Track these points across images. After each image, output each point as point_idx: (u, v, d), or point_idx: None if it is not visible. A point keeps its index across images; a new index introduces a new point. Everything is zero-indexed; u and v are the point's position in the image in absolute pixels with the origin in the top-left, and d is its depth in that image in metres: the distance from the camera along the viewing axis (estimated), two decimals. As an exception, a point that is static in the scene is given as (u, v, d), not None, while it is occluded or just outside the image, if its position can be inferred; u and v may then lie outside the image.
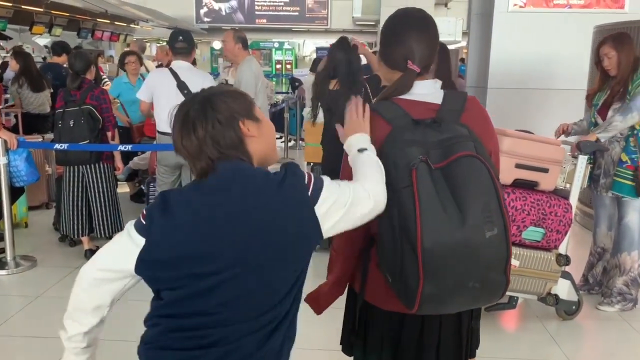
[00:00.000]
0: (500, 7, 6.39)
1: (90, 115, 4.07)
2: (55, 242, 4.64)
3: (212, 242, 1.22)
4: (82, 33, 12.69)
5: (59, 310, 3.60)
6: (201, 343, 1.24)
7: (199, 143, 1.28)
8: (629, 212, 3.42)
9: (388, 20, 1.62)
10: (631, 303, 3.51)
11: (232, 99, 1.32)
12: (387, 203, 1.37)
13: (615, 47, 3.31)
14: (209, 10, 21.18)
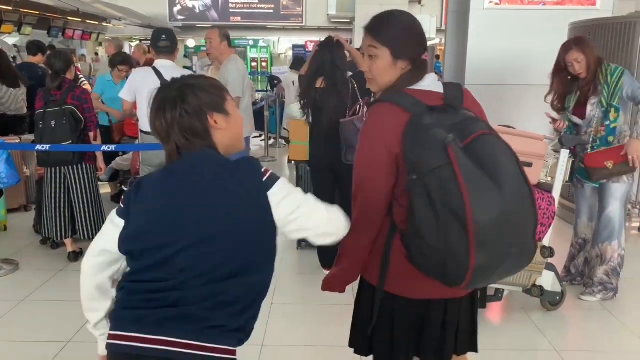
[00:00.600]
0: (477, 4, 6.48)
1: (72, 116, 4.01)
2: (37, 244, 4.56)
3: (174, 218, 1.37)
4: (52, 32, 12.45)
5: (44, 314, 3.58)
6: (160, 304, 1.37)
7: (167, 127, 1.43)
8: (611, 203, 3.52)
9: (402, 16, 1.70)
10: (612, 292, 3.61)
11: (205, 92, 1.44)
12: (417, 189, 1.46)
13: (582, 50, 3.41)
14: (182, 8, 20.96)
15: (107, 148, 4.04)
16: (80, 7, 12.81)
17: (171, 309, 1.36)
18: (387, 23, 1.68)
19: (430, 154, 1.45)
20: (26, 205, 5.45)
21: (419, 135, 1.51)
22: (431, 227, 1.45)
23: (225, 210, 1.37)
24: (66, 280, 3.95)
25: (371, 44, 1.66)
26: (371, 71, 1.69)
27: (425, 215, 1.45)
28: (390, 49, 1.64)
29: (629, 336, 3.26)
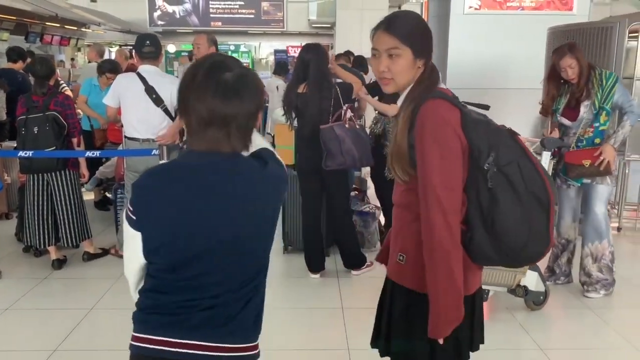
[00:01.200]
0: (456, 9, 6.58)
1: (55, 122, 3.98)
2: (20, 252, 4.50)
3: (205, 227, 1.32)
4: (30, 37, 12.27)
5: (28, 323, 3.53)
6: (193, 310, 1.36)
7: (225, 117, 1.27)
8: (597, 203, 3.63)
9: (416, 16, 1.73)
10: (611, 287, 3.74)
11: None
12: (498, 180, 1.54)
13: (575, 56, 3.51)
14: (162, 13, 20.81)
15: (91, 154, 4.01)
16: (59, 13, 12.66)
17: (204, 312, 1.37)
18: (406, 22, 1.67)
19: (508, 147, 1.57)
20: (7, 213, 5.38)
21: (488, 128, 1.59)
22: (516, 214, 1.56)
23: (259, 216, 1.37)
24: (50, 289, 3.91)
25: (393, 45, 1.63)
26: (391, 70, 1.65)
27: (511, 204, 1.55)
28: (412, 47, 1.63)
29: (611, 334, 3.34)
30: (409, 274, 1.68)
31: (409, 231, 1.68)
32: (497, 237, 1.58)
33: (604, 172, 3.53)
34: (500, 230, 1.57)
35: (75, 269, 4.22)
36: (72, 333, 3.21)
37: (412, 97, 1.66)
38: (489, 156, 1.56)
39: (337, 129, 3.68)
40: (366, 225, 4.45)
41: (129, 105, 4.03)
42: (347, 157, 3.69)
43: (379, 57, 1.67)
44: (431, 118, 1.57)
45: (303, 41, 21.05)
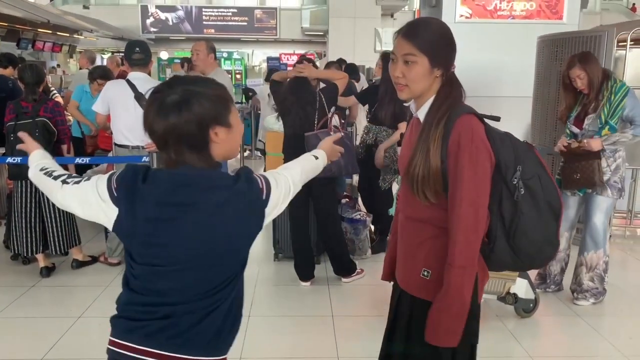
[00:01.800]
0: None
1: (45, 128, 3.96)
2: (7, 260, 4.46)
3: (165, 236, 1.34)
4: (22, 43, 12.24)
5: (15, 332, 3.49)
6: (151, 316, 1.39)
7: (165, 133, 1.33)
8: (597, 213, 3.65)
9: (439, 24, 1.70)
10: (602, 296, 3.75)
11: (211, 102, 1.35)
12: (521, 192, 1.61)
13: (584, 67, 3.49)
14: (155, 20, 20.83)
15: (80, 161, 3.99)
16: (51, 19, 12.63)
17: (161, 321, 1.38)
18: (425, 30, 1.65)
19: (530, 161, 1.64)
20: (-4, 220, 5.33)
21: (512, 143, 1.65)
22: (536, 224, 1.64)
23: (225, 234, 1.37)
24: (38, 297, 3.87)
25: (410, 51, 1.63)
26: (406, 77, 1.65)
27: (531, 213, 1.63)
28: (429, 56, 1.63)
29: (601, 342, 3.33)
30: (437, 288, 1.66)
31: (434, 246, 1.68)
32: (517, 246, 1.66)
33: (592, 182, 3.53)
34: (520, 239, 1.65)
35: (64, 276, 4.18)
36: (59, 341, 3.18)
37: (440, 111, 1.64)
38: (515, 170, 1.61)
39: (321, 136, 3.67)
40: (357, 233, 4.45)
41: (118, 112, 4.02)
42: (333, 165, 3.66)
43: (395, 62, 1.68)
44: (468, 135, 1.59)
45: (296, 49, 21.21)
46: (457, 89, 1.70)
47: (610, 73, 3.60)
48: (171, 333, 1.38)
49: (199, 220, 1.34)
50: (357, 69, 6.94)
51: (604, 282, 3.74)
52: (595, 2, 19.72)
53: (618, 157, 3.58)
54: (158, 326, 1.38)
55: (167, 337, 1.38)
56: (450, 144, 1.59)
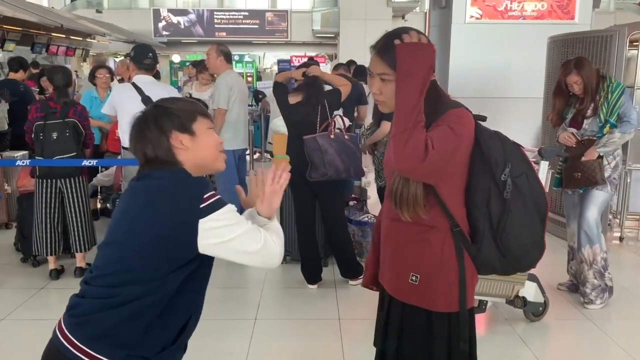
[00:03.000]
0: (458, 19, 6.58)
1: (75, 129, 4.04)
2: (18, 262, 4.49)
3: (114, 222, 1.55)
4: (36, 48, 12.37)
5: (24, 333, 3.51)
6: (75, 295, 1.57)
7: (134, 144, 1.55)
8: (590, 207, 3.63)
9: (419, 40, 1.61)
10: (606, 293, 3.69)
11: (168, 115, 1.51)
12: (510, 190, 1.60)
13: (579, 73, 3.53)
14: (167, 23, 20.98)
15: (88, 163, 4.01)
16: (64, 23, 12.78)
17: (76, 297, 1.54)
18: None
19: (518, 159, 1.63)
20: (7, 223, 5.38)
21: (502, 140, 1.64)
22: (523, 223, 1.62)
23: (147, 224, 1.44)
24: (47, 299, 3.90)
25: (383, 71, 1.61)
26: (383, 94, 1.65)
27: (519, 213, 1.61)
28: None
29: (611, 346, 3.28)
30: (426, 294, 1.66)
31: (419, 247, 1.66)
32: (504, 246, 1.63)
33: (593, 181, 3.55)
34: (508, 239, 1.62)
35: (73, 279, 4.20)
36: (66, 344, 3.19)
37: (451, 104, 1.66)
38: (505, 167, 1.60)
39: (319, 140, 3.66)
40: (365, 235, 4.42)
41: (126, 115, 4.04)
42: (330, 168, 3.65)
43: (372, 77, 1.67)
44: (454, 115, 1.60)
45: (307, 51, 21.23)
46: (439, 95, 1.66)
47: (604, 74, 3.64)
48: (74, 312, 1.50)
49: (126, 200, 1.53)
50: (367, 70, 6.91)
51: (605, 278, 3.68)
52: (608, 2, 19.54)
53: (617, 155, 3.63)
54: (72, 301, 1.54)
55: (69, 315, 1.50)
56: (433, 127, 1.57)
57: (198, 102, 1.65)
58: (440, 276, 1.65)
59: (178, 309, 1.50)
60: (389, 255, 1.77)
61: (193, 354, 1.69)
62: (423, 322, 1.69)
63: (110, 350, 1.44)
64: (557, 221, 5.21)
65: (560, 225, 5.14)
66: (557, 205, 5.21)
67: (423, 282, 1.65)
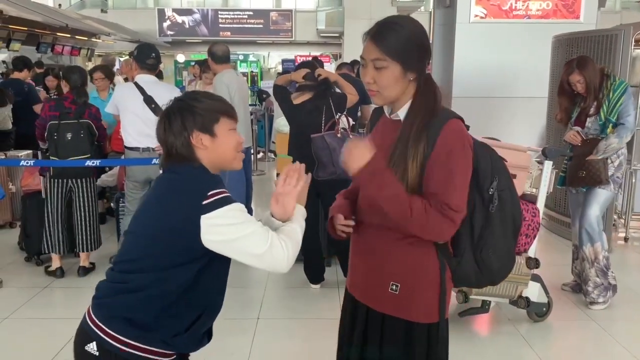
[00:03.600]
0: (462, 18, 6.56)
1: (89, 130, 4.10)
2: (21, 261, 4.51)
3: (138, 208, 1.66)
4: (41, 47, 12.41)
5: (28, 333, 3.52)
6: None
7: (159, 135, 1.59)
8: (592, 204, 3.61)
9: (409, 24, 1.57)
10: (609, 292, 3.67)
11: (192, 114, 1.53)
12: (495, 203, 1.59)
13: (582, 72, 3.52)
14: (172, 23, 21.01)
15: (91, 163, 4.02)
16: (69, 23, 12.80)
17: (100, 282, 1.63)
18: (395, 32, 1.52)
19: (504, 172, 1.62)
20: (11, 222, 5.40)
21: (492, 154, 1.63)
22: (501, 236, 1.61)
23: (158, 216, 1.52)
24: (51, 298, 3.91)
25: (378, 57, 1.52)
26: (377, 83, 1.55)
27: (499, 227, 1.60)
28: (400, 61, 1.52)
29: (615, 347, 3.26)
30: (407, 305, 1.61)
31: (401, 256, 1.60)
32: (482, 260, 1.61)
33: (598, 180, 3.54)
34: (487, 253, 1.60)
35: (77, 278, 4.21)
36: (69, 343, 3.19)
37: (416, 124, 1.54)
38: (492, 180, 1.58)
39: (327, 138, 3.66)
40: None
41: (128, 115, 4.04)
42: (338, 167, 3.64)
43: (365, 66, 1.57)
44: (459, 137, 1.54)
45: (312, 50, 21.21)
46: (433, 93, 1.59)
47: (609, 72, 3.61)
48: (96, 294, 1.60)
49: (149, 191, 1.68)
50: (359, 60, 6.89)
51: (608, 277, 3.66)
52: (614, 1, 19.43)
53: (621, 154, 3.60)
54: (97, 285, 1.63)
55: (96, 297, 1.60)
56: (435, 152, 1.50)
57: (225, 100, 1.65)
58: (422, 287, 1.60)
59: (190, 303, 1.53)
60: (365, 264, 1.69)
61: (195, 353, 1.69)
62: (401, 332, 1.62)
63: (125, 329, 1.50)
64: (561, 221, 5.19)
65: (563, 225, 5.12)
66: (560, 205, 5.19)
67: (404, 291, 1.60)
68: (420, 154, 1.52)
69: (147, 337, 1.51)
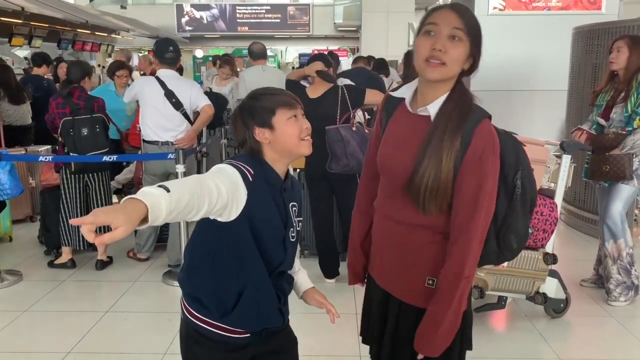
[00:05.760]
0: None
1: (103, 124, 4.15)
2: (41, 255, 4.58)
3: None
4: (62, 44, 12.58)
5: (45, 325, 3.58)
6: None
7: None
8: (615, 201, 3.54)
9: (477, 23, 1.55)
10: (631, 291, 3.60)
11: (249, 114, 1.65)
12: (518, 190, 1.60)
13: (629, 44, 3.41)
14: (190, 19, 21.10)
15: (108, 158, 4.05)
16: (89, 20, 12.96)
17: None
18: (472, 15, 1.53)
19: (525, 160, 1.62)
20: (32, 216, 5.48)
21: (514, 143, 1.62)
22: (521, 218, 1.61)
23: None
24: (69, 291, 3.96)
25: (460, 26, 1.47)
26: (447, 53, 1.47)
27: (521, 211, 1.61)
28: (472, 40, 1.50)
29: (635, 344, 3.20)
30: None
31: (437, 252, 1.60)
32: (505, 243, 1.62)
33: (622, 175, 3.44)
34: (509, 236, 1.61)
35: (94, 271, 4.26)
36: (86, 335, 3.24)
37: (456, 115, 1.51)
38: (517, 170, 1.57)
39: (342, 131, 3.63)
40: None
41: (148, 109, 4.07)
42: (352, 160, 3.61)
43: (436, 34, 1.48)
44: (491, 146, 1.51)
45: (329, 45, 21.16)
46: (468, 91, 1.59)
47: None
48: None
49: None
50: (387, 64, 6.85)
51: (632, 275, 3.59)
52: (639, -9, 19.01)
53: None
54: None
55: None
56: (470, 153, 1.48)
57: (286, 91, 1.73)
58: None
59: (225, 275, 1.63)
60: (395, 259, 1.68)
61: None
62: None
63: (192, 303, 1.67)
64: (582, 217, 5.10)
65: (585, 220, 5.03)
66: (580, 199, 5.10)
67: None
68: (455, 150, 1.49)
69: (201, 310, 1.65)
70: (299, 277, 1.89)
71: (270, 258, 1.63)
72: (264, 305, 1.66)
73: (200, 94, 4.18)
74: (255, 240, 1.59)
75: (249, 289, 1.62)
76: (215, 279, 1.63)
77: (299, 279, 1.89)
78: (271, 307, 1.69)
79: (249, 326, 1.67)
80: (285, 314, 1.76)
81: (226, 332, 1.64)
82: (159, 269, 4.24)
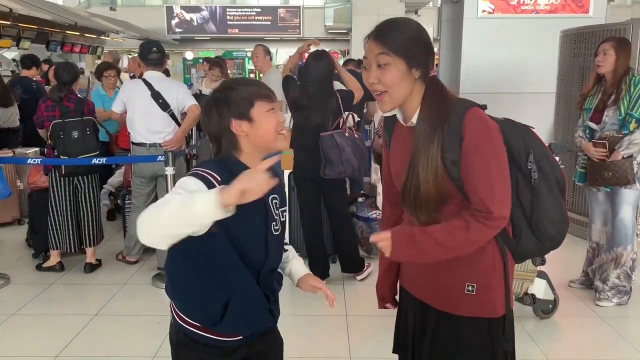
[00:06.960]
0: (469, 13, 6.51)
1: (94, 126, 4.12)
2: (29, 258, 4.54)
3: None
4: (51, 45, 12.47)
5: (33, 329, 3.55)
6: None
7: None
8: (623, 207, 3.54)
9: (410, 22, 1.55)
10: (626, 296, 3.63)
11: (226, 104, 1.57)
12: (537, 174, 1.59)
13: (615, 46, 3.42)
14: (180, 20, 21.06)
15: (97, 161, 4.03)
16: (78, 21, 12.85)
17: None
18: (397, 29, 1.51)
19: (536, 142, 1.60)
20: (19, 219, 5.44)
21: (518, 129, 1.61)
22: (552, 202, 1.60)
23: None
24: (57, 294, 3.93)
25: (381, 51, 1.48)
26: (382, 82, 1.50)
27: (548, 195, 1.59)
28: (404, 57, 1.48)
29: (623, 345, 3.23)
30: (483, 302, 1.58)
31: (472, 256, 1.56)
32: (540, 230, 1.61)
33: (625, 181, 3.43)
34: (542, 223, 1.60)
35: (82, 274, 4.24)
36: (75, 339, 3.22)
37: (434, 117, 1.51)
38: (528, 155, 1.57)
39: (337, 137, 3.66)
40: (373, 231, 4.40)
41: (135, 111, 4.06)
42: (347, 166, 3.67)
43: (369, 68, 1.53)
44: (484, 130, 1.49)
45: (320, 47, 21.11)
46: (441, 94, 1.55)
47: (632, 69, 3.52)
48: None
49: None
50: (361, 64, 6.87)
51: (631, 281, 3.62)
52: (626, -5, 19.22)
53: None
54: None
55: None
56: (465, 142, 1.47)
57: (261, 83, 1.68)
58: (496, 281, 1.59)
59: (208, 286, 1.59)
60: (430, 268, 1.62)
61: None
62: (483, 331, 1.60)
63: (182, 309, 1.65)
64: (571, 218, 5.13)
65: (573, 222, 5.07)
66: (570, 202, 5.14)
67: (480, 290, 1.58)
68: (433, 159, 1.48)
69: (191, 316, 1.63)
70: (293, 266, 1.84)
71: (252, 260, 1.59)
72: (253, 310, 1.64)
73: (187, 95, 4.17)
74: (234, 248, 1.54)
75: (235, 299, 1.58)
76: (197, 290, 1.59)
77: (293, 267, 1.84)
78: (260, 310, 1.66)
79: (240, 332, 1.65)
80: (275, 314, 1.73)
81: (218, 336, 1.62)
82: (149, 272, 4.22)
